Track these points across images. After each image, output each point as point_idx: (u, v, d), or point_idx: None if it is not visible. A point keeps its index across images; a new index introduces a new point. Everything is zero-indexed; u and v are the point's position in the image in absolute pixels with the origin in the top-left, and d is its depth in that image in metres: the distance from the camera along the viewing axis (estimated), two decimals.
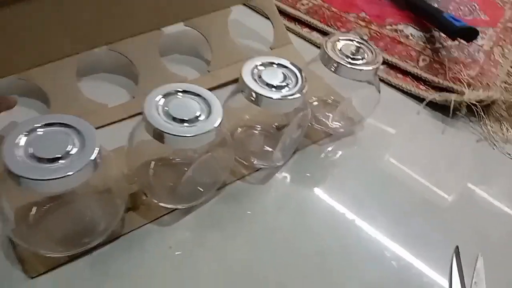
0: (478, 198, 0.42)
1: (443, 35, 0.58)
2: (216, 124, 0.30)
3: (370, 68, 0.39)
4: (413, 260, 0.36)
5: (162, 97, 0.30)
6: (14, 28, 0.38)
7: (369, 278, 0.34)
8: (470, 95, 0.49)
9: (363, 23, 0.60)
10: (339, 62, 0.38)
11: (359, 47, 0.41)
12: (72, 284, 0.30)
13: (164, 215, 0.35)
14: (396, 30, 0.60)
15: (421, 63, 0.54)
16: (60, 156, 0.25)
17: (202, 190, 0.36)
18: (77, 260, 0.31)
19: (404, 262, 0.36)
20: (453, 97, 0.49)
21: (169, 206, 0.35)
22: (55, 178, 0.24)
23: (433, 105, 0.50)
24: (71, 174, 0.25)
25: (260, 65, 0.36)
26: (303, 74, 0.36)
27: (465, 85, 0.50)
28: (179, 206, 0.35)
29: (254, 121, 0.42)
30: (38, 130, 0.26)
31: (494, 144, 0.48)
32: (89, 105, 0.41)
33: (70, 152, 0.25)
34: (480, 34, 0.59)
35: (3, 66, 0.38)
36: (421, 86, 0.52)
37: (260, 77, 0.34)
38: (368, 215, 0.38)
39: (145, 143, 0.32)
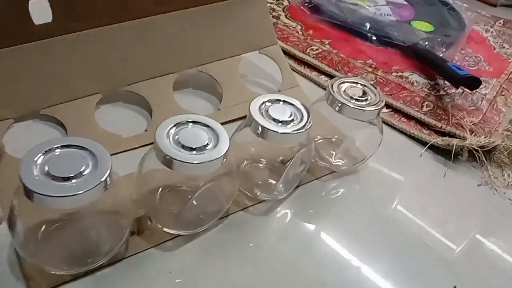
0: (477, 242, 0.42)
1: (447, 83, 0.60)
2: (223, 153, 0.31)
3: (373, 109, 0.40)
4: None
5: (174, 126, 0.32)
6: (38, 67, 0.40)
7: None
8: (472, 141, 0.49)
9: (369, 69, 0.62)
10: (343, 103, 0.40)
11: (363, 89, 0.42)
12: None
13: (167, 240, 0.35)
14: (401, 77, 0.61)
15: (425, 109, 0.56)
16: (73, 175, 0.26)
17: (205, 217, 0.36)
18: (79, 280, 0.32)
19: None
20: (455, 141, 0.49)
21: (172, 232, 0.35)
22: (67, 196, 0.25)
23: (435, 149, 0.51)
24: (81, 193, 0.26)
25: (268, 101, 0.37)
26: (308, 112, 0.37)
27: (468, 131, 0.51)
28: (182, 233, 0.36)
29: (260, 155, 0.43)
30: (55, 150, 0.28)
31: (495, 190, 0.48)
32: (104, 136, 0.42)
33: (83, 173, 0.27)
34: (484, 84, 0.61)
35: (27, 102, 0.40)
36: (424, 131, 0.52)
37: (267, 112, 0.36)
38: (366, 253, 0.38)
39: (154, 170, 0.33)
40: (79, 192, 0.26)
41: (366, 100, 0.41)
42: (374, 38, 0.68)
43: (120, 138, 0.43)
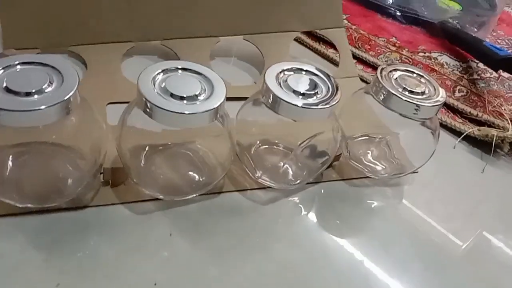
0: None
1: (481, 66, 0.53)
2: (216, 105, 0.26)
3: (430, 104, 0.32)
4: None
5: (161, 72, 0.28)
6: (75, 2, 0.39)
7: None
8: None
9: (393, 48, 0.56)
10: (390, 91, 0.32)
11: (419, 80, 0.35)
12: (12, 237, 0.27)
13: (144, 201, 0.30)
14: (429, 58, 0.55)
15: (457, 94, 0.49)
16: (34, 91, 0.23)
17: (192, 185, 0.32)
18: (29, 215, 0.28)
19: None
20: (494, 132, 0.43)
21: (150, 193, 0.30)
22: (25, 110, 0.23)
23: (470, 141, 0.45)
24: (42, 108, 0.23)
25: (288, 70, 0.31)
26: (337, 86, 0.31)
27: (508, 120, 0.44)
28: (162, 196, 0.31)
29: (277, 137, 0.37)
30: (17, 66, 0.25)
31: None
32: (122, 83, 0.40)
33: (46, 90, 0.24)
34: None
35: (58, 35, 0.40)
36: (457, 119, 0.46)
37: (285, 82, 0.30)
38: (395, 267, 0.32)
39: (141, 125, 0.29)
40: (40, 108, 0.23)
41: (423, 93, 0.33)
42: (398, 13, 0.62)
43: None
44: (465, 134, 0.45)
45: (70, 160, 0.29)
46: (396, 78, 0.34)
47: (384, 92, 0.33)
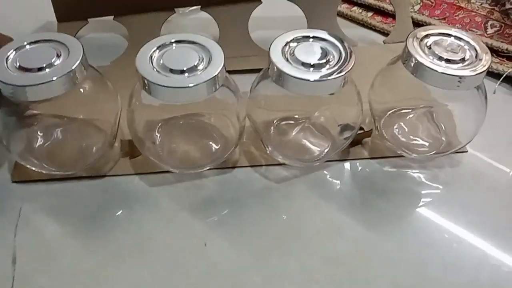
0: None
1: None
2: (216, 73, 0.28)
3: (471, 73, 0.29)
4: None
5: (157, 49, 0.30)
6: None
7: None
8: None
9: None
10: (419, 61, 0.30)
11: (457, 43, 0.32)
12: (34, 199, 0.33)
13: (158, 173, 0.34)
14: None
15: (489, 30, 0.46)
16: (44, 66, 0.28)
17: (208, 155, 0.34)
18: (54, 182, 0.34)
19: None
20: None
21: (164, 166, 0.34)
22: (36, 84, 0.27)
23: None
24: (54, 79, 0.28)
25: (292, 40, 0.31)
26: (349, 50, 0.30)
27: None
28: (176, 171, 0.33)
29: (296, 112, 0.37)
30: (26, 46, 0.30)
31: None
32: None
33: (55, 63, 0.28)
34: None
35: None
36: (493, 59, 0.42)
37: (292, 54, 0.30)
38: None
39: (147, 100, 0.31)
40: (50, 80, 0.28)
41: (463, 60, 0.30)
42: None
43: None
44: (505, 75, 0.42)
45: (85, 130, 0.34)
46: (430, 46, 0.31)
47: (417, 65, 0.30)
